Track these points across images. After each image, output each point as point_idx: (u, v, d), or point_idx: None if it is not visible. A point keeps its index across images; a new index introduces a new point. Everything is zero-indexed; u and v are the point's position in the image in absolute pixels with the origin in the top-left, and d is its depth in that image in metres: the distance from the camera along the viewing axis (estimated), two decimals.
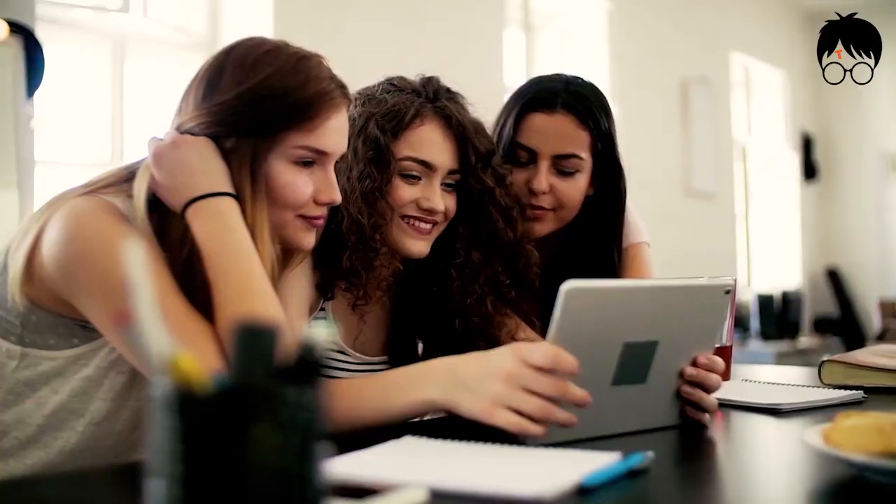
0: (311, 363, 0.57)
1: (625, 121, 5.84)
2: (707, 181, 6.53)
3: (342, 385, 1.19)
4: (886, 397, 1.45)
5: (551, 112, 1.66)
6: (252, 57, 1.19)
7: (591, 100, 1.69)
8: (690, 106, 6.35)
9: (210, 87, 1.19)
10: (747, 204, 7.39)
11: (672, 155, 6.27)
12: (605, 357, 1.07)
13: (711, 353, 1.19)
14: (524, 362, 1.00)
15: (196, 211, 1.13)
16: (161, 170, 1.16)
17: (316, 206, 1.24)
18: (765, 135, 7.59)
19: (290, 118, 1.18)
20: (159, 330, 0.56)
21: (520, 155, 1.68)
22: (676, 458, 1.07)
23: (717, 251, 6.65)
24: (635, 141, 5.91)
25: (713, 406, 1.18)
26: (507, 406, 1.00)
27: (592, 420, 1.07)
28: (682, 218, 6.27)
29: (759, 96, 7.51)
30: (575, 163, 1.66)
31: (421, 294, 1.51)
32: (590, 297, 1.03)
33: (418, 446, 0.98)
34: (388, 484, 0.79)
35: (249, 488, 0.53)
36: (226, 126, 1.17)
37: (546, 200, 1.67)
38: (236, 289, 1.09)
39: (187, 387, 0.54)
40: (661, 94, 6.20)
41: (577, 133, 1.66)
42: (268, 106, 1.17)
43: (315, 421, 0.56)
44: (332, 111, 1.22)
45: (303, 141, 1.19)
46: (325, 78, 1.23)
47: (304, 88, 1.19)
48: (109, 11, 3.95)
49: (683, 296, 1.14)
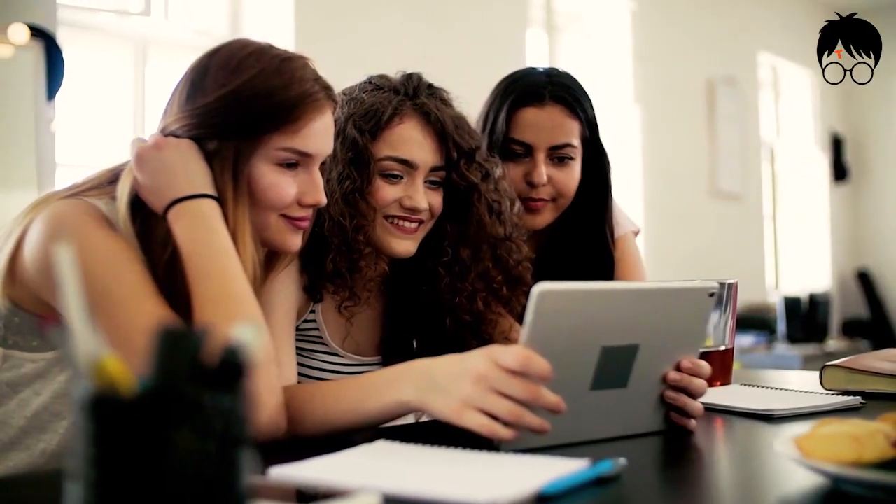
0: (234, 368, 0.56)
1: (649, 121, 5.82)
2: (734, 182, 6.46)
3: (319, 388, 1.19)
4: (887, 403, 1.42)
5: (542, 105, 1.71)
6: (236, 59, 1.19)
7: (575, 89, 1.76)
8: (716, 106, 6.30)
9: (193, 89, 1.19)
10: (775, 205, 7.31)
11: (697, 156, 6.22)
12: (582, 361, 1.05)
13: (696, 357, 1.17)
14: (496, 364, 0.99)
15: (177, 213, 1.13)
16: (143, 172, 1.16)
17: (300, 207, 1.24)
18: (793, 135, 7.50)
19: (272, 119, 1.18)
20: (87, 332, 0.56)
21: (515, 150, 1.72)
22: (652, 464, 1.05)
23: (744, 253, 6.58)
24: (660, 141, 5.88)
25: (698, 411, 1.16)
26: (477, 408, 0.99)
27: (571, 425, 1.06)
28: (708, 219, 6.22)
29: (787, 96, 7.42)
30: (569, 150, 1.73)
31: (412, 293, 1.50)
32: (563, 300, 1.01)
33: (387, 451, 0.98)
34: (343, 488, 0.78)
35: (164, 494, 0.52)
36: (208, 128, 1.17)
37: (545, 191, 1.72)
38: (214, 291, 1.10)
39: (107, 389, 0.54)
40: (687, 94, 6.15)
41: (569, 122, 1.72)
42: (250, 107, 1.17)
43: (236, 426, 0.55)
44: (317, 112, 1.21)
45: (286, 143, 1.19)
46: (310, 79, 1.22)
47: (287, 90, 1.19)
48: (131, 15, 3.99)
49: (665, 299, 1.12)
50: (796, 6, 7.12)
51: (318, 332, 1.45)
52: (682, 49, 6.10)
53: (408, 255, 1.43)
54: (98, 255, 1.09)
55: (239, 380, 0.56)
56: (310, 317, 1.44)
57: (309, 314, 1.44)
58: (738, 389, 1.51)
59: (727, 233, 6.36)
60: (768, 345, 5.95)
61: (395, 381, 1.10)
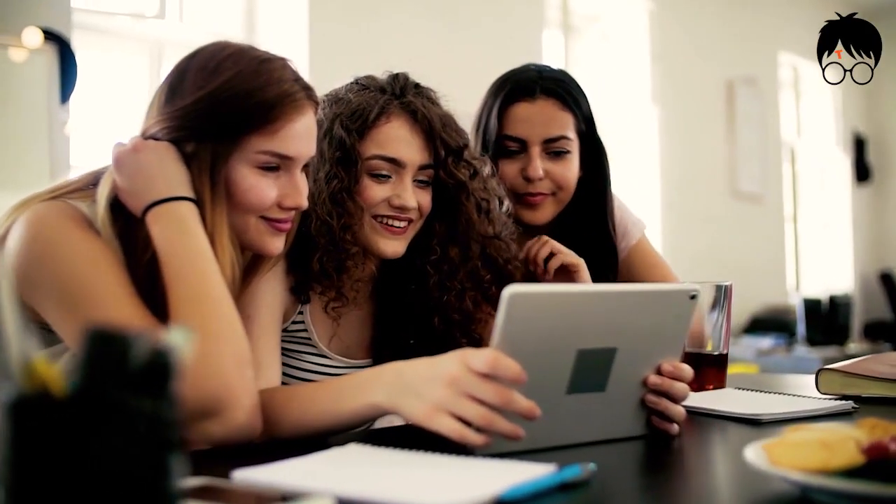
0: (161, 371, 0.56)
1: (667, 122, 5.78)
2: (754, 183, 6.41)
3: (296, 390, 1.19)
4: (882, 408, 1.40)
5: (533, 99, 1.71)
6: (214, 61, 1.19)
7: (567, 83, 1.76)
8: (736, 107, 6.25)
9: (172, 92, 1.20)
10: (796, 206, 7.24)
11: (717, 156, 6.17)
12: (557, 364, 1.04)
13: (678, 360, 1.15)
14: (468, 368, 0.98)
15: (155, 215, 1.14)
16: (122, 174, 1.17)
17: (281, 210, 1.24)
18: (815, 135, 7.42)
19: (250, 120, 1.18)
20: (19, 333, 0.56)
21: (509, 146, 1.73)
22: (625, 470, 1.04)
23: (765, 254, 6.52)
24: (678, 142, 5.84)
25: (680, 416, 1.15)
26: (448, 412, 0.98)
27: (547, 429, 1.05)
28: (728, 220, 6.17)
29: (808, 96, 7.35)
30: (564, 143, 1.72)
31: (401, 294, 1.50)
32: (535, 303, 1.00)
33: (355, 454, 0.97)
34: (297, 492, 0.78)
35: (85, 498, 0.52)
36: (186, 130, 1.17)
37: (544, 185, 1.72)
38: (190, 293, 1.10)
39: (37, 391, 0.54)
40: (705, 94, 6.11)
41: (561, 115, 1.72)
42: (227, 109, 1.17)
43: (162, 429, 0.55)
44: (296, 114, 1.21)
45: (265, 145, 1.19)
46: (289, 80, 1.22)
47: (265, 90, 1.18)
48: (146, 18, 4.02)
49: (643, 301, 1.10)
50: (818, 5, 7.04)
51: (307, 333, 1.45)
52: (700, 49, 6.06)
53: (396, 256, 1.43)
54: (76, 257, 1.10)
55: (166, 383, 0.56)
56: (298, 318, 1.44)
57: (297, 315, 1.44)
58: (730, 393, 1.49)
59: (747, 234, 6.30)
60: (788, 347, 5.89)
61: (368, 384, 1.09)
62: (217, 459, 0.99)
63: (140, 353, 0.56)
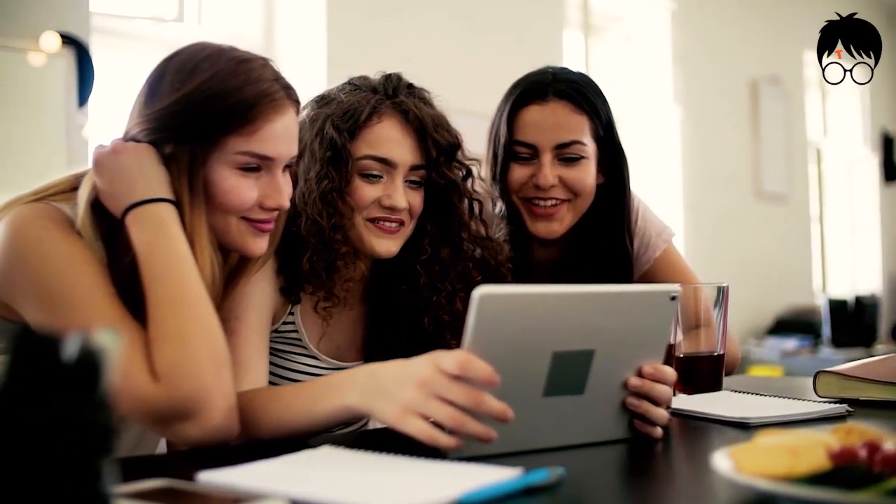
0: (90, 373, 0.56)
1: (690, 122, 5.73)
2: (779, 183, 6.34)
3: (275, 392, 1.20)
4: (880, 411, 1.38)
5: (544, 102, 1.64)
6: (192, 62, 1.20)
7: (582, 85, 1.67)
8: (760, 106, 6.18)
9: (151, 94, 1.20)
10: (822, 206, 7.15)
11: (741, 156, 6.11)
12: (532, 367, 1.03)
13: (660, 363, 1.14)
14: (440, 369, 0.98)
15: (134, 217, 1.14)
16: (102, 176, 1.17)
17: (262, 210, 1.24)
18: (842, 135, 7.33)
19: (228, 121, 1.18)
20: None
21: (520, 152, 1.66)
22: (597, 474, 1.02)
23: (790, 255, 6.45)
24: (702, 143, 5.79)
25: (662, 419, 1.13)
26: (418, 413, 0.98)
27: (524, 432, 1.04)
28: (752, 220, 6.11)
29: (835, 95, 7.26)
30: (578, 149, 1.64)
31: (393, 295, 1.50)
32: (506, 304, 0.99)
33: (325, 457, 0.97)
34: (254, 494, 0.78)
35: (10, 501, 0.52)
36: (164, 132, 1.18)
37: (559, 192, 1.64)
38: (167, 294, 1.10)
39: None
40: (729, 94, 6.05)
41: (575, 118, 1.64)
42: (205, 110, 1.17)
43: (90, 432, 0.55)
44: (275, 113, 1.21)
45: (244, 146, 1.19)
46: (268, 79, 1.22)
47: (242, 91, 1.18)
48: (165, 21, 4.05)
49: (620, 303, 1.09)
50: (843, 2, 6.97)
51: (297, 334, 1.45)
52: (724, 49, 6.00)
53: (390, 256, 1.43)
54: (55, 259, 1.11)
55: (96, 385, 0.56)
56: (288, 319, 1.44)
57: (288, 316, 1.44)
58: (725, 396, 1.48)
59: (772, 235, 6.24)
60: (813, 349, 5.82)
61: (342, 385, 1.09)
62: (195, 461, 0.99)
63: (69, 355, 0.56)
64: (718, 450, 0.87)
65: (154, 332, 1.08)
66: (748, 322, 5.96)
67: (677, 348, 1.50)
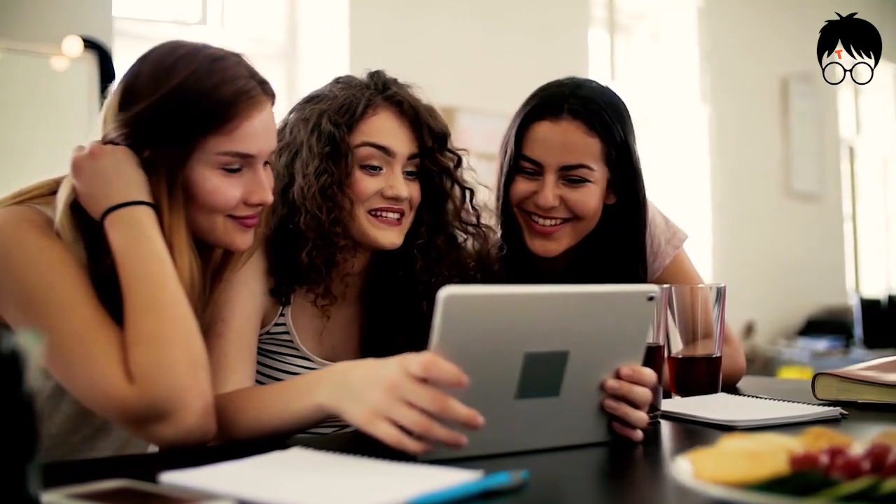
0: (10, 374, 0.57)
1: (718, 121, 5.68)
2: (810, 182, 6.26)
3: (252, 392, 1.20)
4: (875, 414, 1.35)
5: (556, 119, 1.59)
6: (166, 63, 1.20)
7: (600, 104, 1.61)
8: (790, 104, 6.11)
9: (127, 97, 1.21)
10: (855, 205, 7.05)
11: (770, 155, 6.04)
12: (503, 368, 1.02)
13: (639, 364, 1.12)
14: (407, 373, 0.97)
15: (112, 220, 1.16)
16: (80, 180, 1.19)
17: (246, 206, 1.25)
18: (875, 133, 7.21)
19: (206, 123, 1.19)
20: None
21: (525, 167, 1.62)
22: (564, 478, 1.01)
23: (822, 254, 6.36)
24: (729, 141, 5.73)
25: (641, 421, 1.12)
26: (386, 417, 0.98)
27: (497, 435, 1.03)
28: (782, 219, 6.04)
29: (868, 92, 7.14)
30: (584, 172, 1.59)
31: (390, 289, 1.51)
32: (473, 305, 0.98)
33: (290, 459, 0.97)
34: (202, 494, 0.79)
35: None
36: (143, 136, 1.19)
37: (560, 212, 1.61)
38: (144, 297, 1.11)
39: None
40: (759, 92, 5.98)
41: (585, 141, 1.59)
42: (182, 112, 1.18)
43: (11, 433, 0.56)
44: (253, 110, 1.21)
45: (224, 146, 1.20)
46: (243, 77, 1.22)
47: (219, 90, 1.19)
48: (188, 25, 4.09)
49: (594, 303, 1.07)
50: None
51: (289, 336, 1.45)
52: (752, 46, 5.93)
53: (394, 247, 1.45)
54: (35, 262, 1.12)
55: (16, 387, 0.57)
56: (280, 320, 1.45)
57: (279, 318, 1.45)
58: (718, 399, 1.46)
59: (803, 234, 6.16)
60: (845, 350, 5.73)
61: (313, 385, 1.10)
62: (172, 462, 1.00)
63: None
64: (681, 454, 0.85)
65: (130, 333, 1.09)
66: (778, 323, 5.90)
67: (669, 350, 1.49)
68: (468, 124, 4.09)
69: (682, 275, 1.79)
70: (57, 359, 1.09)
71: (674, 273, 1.78)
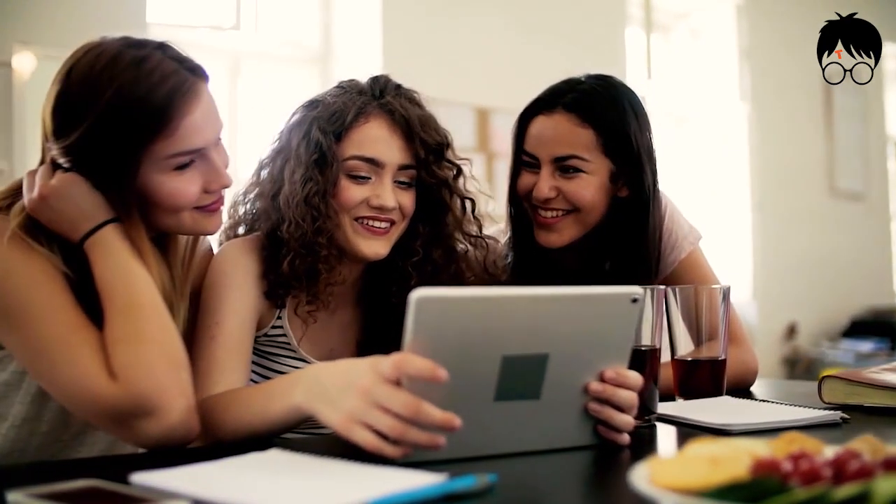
0: None
1: (757, 119, 5.60)
2: (855, 180, 6.15)
3: (236, 393, 1.22)
4: (881, 418, 1.32)
5: (551, 113, 1.62)
6: (90, 79, 1.17)
7: (596, 97, 1.61)
8: (834, 102, 6.00)
9: (61, 122, 1.19)
10: None
11: (813, 153, 5.95)
12: (480, 371, 1.01)
13: (624, 367, 1.11)
14: (379, 376, 0.97)
15: (89, 247, 1.18)
16: (44, 218, 1.19)
17: (208, 194, 1.26)
18: None
19: (146, 132, 1.17)
20: None
21: (525, 161, 1.66)
22: (535, 482, 0.99)
23: (868, 254, 6.25)
24: (770, 140, 5.66)
25: (626, 425, 1.10)
26: (362, 423, 0.97)
27: (475, 438, 1.02)
28: (826, 218, 5.95)
29: None
30: (576, 163, 1.60)
31: (385, 297, 1.50)
32: (446, 308, 0.98)
33: (264, 460, 0.98)
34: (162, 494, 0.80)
35: None
36: (87, 162, 1.19)
37: (559, 203, 1.62)
38: (123, 303, 1.14)
39: None
40: (800, 90, 5.88)
41: (576, 132, 1.59)
42: (119, 130, 1.16)
43: None
44: (190, 104, 1.19)
45: (170, 149, 1.19)
46: (170, 72, 1.18)
47: (151, 97, 1.16)
48: (223, 29, 4.14)
49: (574, 305, 1.06)
50: None
51: (286, 338, 1.46)
52: (793, 43, 5.81)
53: (378, 258, 1.43)
54: (13, 270, 1.15)
55: None
56: (277, 323, 1.46)
57: (276, 320, 1.46)
58: (720, 402, 1.44)
59: (847, 233, 6.05)
60: (890, 351, 5.61)
61: (291, 385, 1.10)
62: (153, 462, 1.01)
63: None
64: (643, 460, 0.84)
65: (110, 335, 1.11)
66: (822, 324, 5.80)
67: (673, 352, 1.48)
68: (502, 125, 4.07)
69: (698, 269, 1.78)
70: (39, 363, 1.12)
71: (689, 268, 1.77)
